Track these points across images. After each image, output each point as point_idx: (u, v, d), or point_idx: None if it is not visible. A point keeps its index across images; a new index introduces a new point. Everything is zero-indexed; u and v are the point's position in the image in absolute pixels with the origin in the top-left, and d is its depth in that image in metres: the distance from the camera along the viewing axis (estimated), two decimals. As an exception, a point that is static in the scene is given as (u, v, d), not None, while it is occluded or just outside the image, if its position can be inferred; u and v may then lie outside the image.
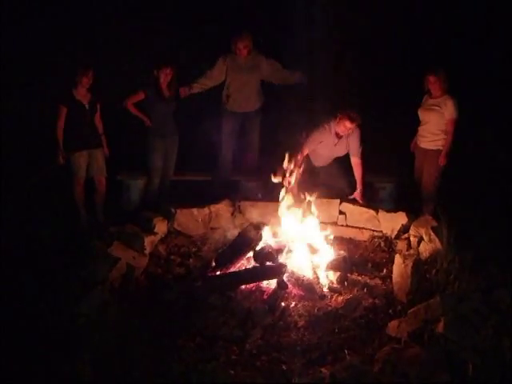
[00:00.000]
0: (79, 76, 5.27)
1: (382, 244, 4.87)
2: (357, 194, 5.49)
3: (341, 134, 5.46)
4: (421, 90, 5.53)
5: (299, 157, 5.32)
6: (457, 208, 4.82)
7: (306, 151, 5.52)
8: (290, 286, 3.97)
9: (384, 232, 5.02)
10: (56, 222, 4.82)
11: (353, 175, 5.56)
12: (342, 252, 4.52)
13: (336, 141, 5.52)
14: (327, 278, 4.14)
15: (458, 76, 5.43)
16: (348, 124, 5.32)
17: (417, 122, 5.64)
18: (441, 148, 5.42)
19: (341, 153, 5.66)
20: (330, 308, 3.71)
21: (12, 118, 6.01)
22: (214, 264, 4.30)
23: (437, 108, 5.35)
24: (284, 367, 3.03)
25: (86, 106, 5.42)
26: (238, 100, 5.91)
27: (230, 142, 6.08)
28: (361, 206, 5.24)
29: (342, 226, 5.22)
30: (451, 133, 5.33)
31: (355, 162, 5.53)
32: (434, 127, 5.41)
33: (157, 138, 5.76)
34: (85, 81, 5.29)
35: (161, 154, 5.83)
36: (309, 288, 3.94)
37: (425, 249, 4.26)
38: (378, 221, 5.09)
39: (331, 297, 3.88)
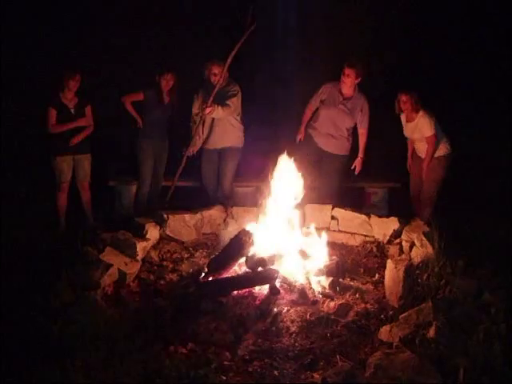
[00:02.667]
0: (66, 79, 5.27)
1: (374, 249, 4.87)
2: (358, 162, 5.78)
3: (344, 90, 5.55)
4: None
5: (307, 111, 5.77)
6: (450, 213, 4.85)
7: (313, 106, 5.76)
8: (282, 291, 3.97)
9: (376, 237, 5.02)
10: (47, 226, 4.82)
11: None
12: (334, 257, 4.52)
13: (340, 98, 5.59)
14: (319, 284, 4.15)
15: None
16: (347, 70, 5.39)
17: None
18: (441, 154, 5.55)
19: (343, 120, 5.67)
20: (322, 313, 3.70)
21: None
22: (206, 270, 4.29)
23: (416, 130, 5.53)
24: (276, 372, 3.02)
25: (72, 110, 5.41)
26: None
27: None
28: (353, 211, 5.24)
29: (334, 231, 5.22)
30: (432, 145, 5.46)
31: (359, 131, 5.75)
32: (424, 144, 5.57)
33: (145, 140, 5.77)
34: (71, 84, 5.29)
35: (150, 156, 5.82)
36: (301, 293, 3.94)
37: (416, 254, 4.27)
38: (370, 226, 5.09)
39: (323, 302, 3.87)
